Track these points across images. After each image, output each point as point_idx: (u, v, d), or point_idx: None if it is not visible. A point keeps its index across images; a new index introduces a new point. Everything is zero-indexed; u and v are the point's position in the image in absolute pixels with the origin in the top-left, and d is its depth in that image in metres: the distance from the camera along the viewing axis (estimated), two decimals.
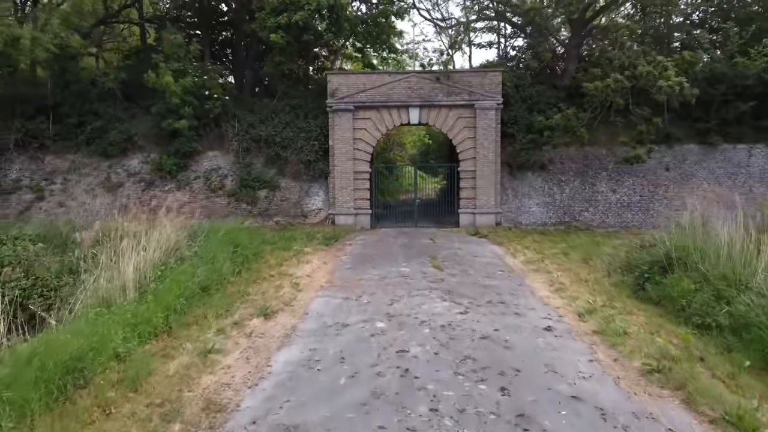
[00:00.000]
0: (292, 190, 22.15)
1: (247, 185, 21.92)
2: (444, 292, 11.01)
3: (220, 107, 21.97)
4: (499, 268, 13.63)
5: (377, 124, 21.41)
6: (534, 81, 22.92)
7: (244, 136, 22.11)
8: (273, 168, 22.23)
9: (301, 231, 19.96)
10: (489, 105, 20.86)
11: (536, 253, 15.56)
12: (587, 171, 21.56)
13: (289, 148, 21.90)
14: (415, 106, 21.20)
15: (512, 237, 18.72)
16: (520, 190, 21.65)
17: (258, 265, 13.17)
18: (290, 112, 22.38)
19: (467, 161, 21.26)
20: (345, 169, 21.30)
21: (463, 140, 21.24)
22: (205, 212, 21.95)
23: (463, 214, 21.30)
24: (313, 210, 22.02)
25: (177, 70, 21.38)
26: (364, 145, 21.46)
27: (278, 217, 21.93)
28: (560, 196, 21.49)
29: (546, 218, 21.38)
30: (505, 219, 21.38)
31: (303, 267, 13.58)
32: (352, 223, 21.28)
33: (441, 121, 21.29)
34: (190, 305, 9.38)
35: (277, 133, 21.91)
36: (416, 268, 13.53)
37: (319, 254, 15.55)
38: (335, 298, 10.72)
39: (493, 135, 20.95)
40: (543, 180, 21.65)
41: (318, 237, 18.54)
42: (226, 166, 22.44)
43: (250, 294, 10.77)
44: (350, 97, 21.19)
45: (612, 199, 21.34)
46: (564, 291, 11.02)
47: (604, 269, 13.13)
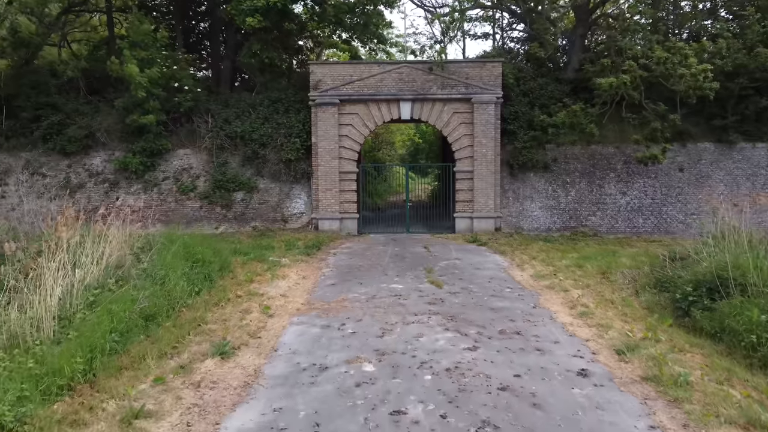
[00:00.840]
0: (271, 192, 20.14)
1: (222, 187, 19.87)
2: (446, 318, 9.10)
3: (191, 100, 19.90)
4: (507, 284, 11.75)
5: (365, 119, 19.46)
6: (535, 74, 21.11)
7: (218, 132, 20.06)
8: (250, 168, 20.20)
9: (280, 238, 17.96)
10: (488, 99, 18.99)
11: (546, 264, 13.71)
12: (594, 172, 19.78)
13: (268, 146, 19.87)
14: (407, 100, 19.29)
15: (515, 245, 16.87)
16: (522, 192, 19.82)
17: (224, 283, 11.15)
18: (269, 107, 20.36)
19: (464, 161, 19.38)
20: (329, 169, 19.33)
21: (459, 137, 19.36)
22: (175, 217, 19.89)
23: (459, 219, 19.42)
24: (294, 214, 20.01)
25: (144, 59, 19.27)
26: (350, 143, 19.51)
27: (256, 222, 19.90)
28: (565, 198, 19.69)
29: (550, 223, 19.56)
30: (506, 224, 19.54)
31: (278, 284, 11.59)
32: (338, 228, 19.31)
33: (435, 116, 19.39)
34: (126, 342, 7.37)
35: (254, 129, 19.88)
36: (410, 284, 11.62)
37: (298, 267, 13.56)
38: (313, 326, 8.76)
39: (492, 132, 19.10)
40: (546, 181, 19.83)
41: (298, 245, 16.56)
42: (199, 165, 20.37)
43: (209, 322, 8.77)
44: (335, 89, 19.22)
45: (621, 202, 19.57)
46: (590, 316, 9.15)
47: (630, 286, 11.31)
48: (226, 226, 19.80)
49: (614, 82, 16.30)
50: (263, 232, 18.96)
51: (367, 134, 19.76)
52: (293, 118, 19.86)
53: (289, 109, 20.17)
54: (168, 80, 20.00)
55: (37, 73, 21.35)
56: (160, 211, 19.95)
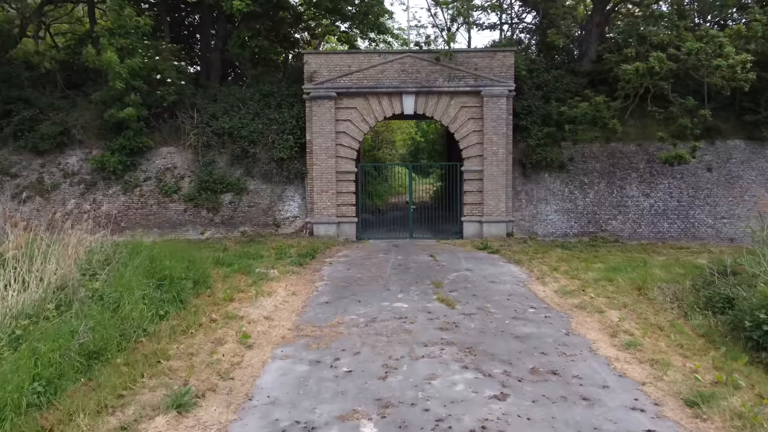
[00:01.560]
0: (262, 194, 18.47)
1: (208, 188, 18.21)
2: (463, 350, 7.45)
3: (174, 94, 18.23)
4: (529, 302, 10.10)
5: (364, 114, 17.81)
6: (548, 65, 19.49)
7: (204, 128, 18.40)
8: (239, 167, 18.55)
9: (271, 244, 16.30)
10: (499, 92, 17.33)
11: (570, 277, 12.05)
12: (614, 171, 18.12)
13: (259, 144, 18.21)
14: (410, 93, 17.63)
15: (531, 252, 15.21)
16: (536, 194, 18.16)
17: (198, 303, 9.48)
18: (260, 101, 18.70)
19: (472, 159, 17.72)
20: (325, 169, 17.67)
21: (467, 134, 17.70)
22: (157, 221, 18.24)
23: (467, 223, 17.76)
24: (287, 218, 18.35)
25: (124, 48, 17.61)
26: (348, 140, 17.86)
27: (245, 226, 18.24)
28: (583, 201, 18.03)
29: (567, 228, 17.91)
30: (518, 229, 17.88)
31: (262, 302, 9.93)
32: (334, 233, 17.65)
33: (441, 111, 17.74)
34: (57, 391, 5.71)
35: (243, 125, 18.22)
36: (417, 303, 9.97)
37: (288, 280, 11.90)
38: (300, 361, 7.11)
39: (504, 128, 17.44)
40: (562, 182, 18.18)
41: (290, 253, 14.90)
42: (183, 165, 18.70)
43: (171, 357, 7.11)
44: (332, 81, 17.56)
45: (644, 205, 17.91)
46: (638, 348, 7.49)
47: (674, 306, 9.65)
48: (212, 231, 18.14)
49: (641, 67, 14.63)
50: (253, 238, 17.30)
51: (366, 131, 18.11)
52: (286, 114, 18.21)
53: (282, 103, 18.51)
54: (150, 72, 18.33)
55: (10, 65, 19.71)
56: (141, 214, 18.31)
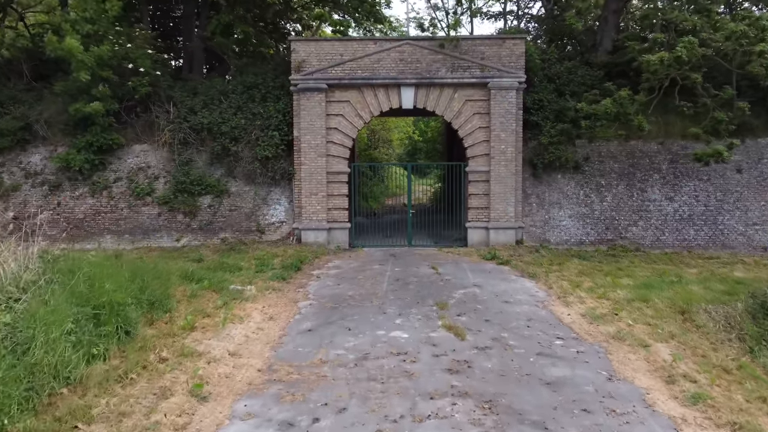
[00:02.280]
0: (244, 196, 16.69)
1: (185, 190, 16.41)
2: (480, 406, 5.71)
3: (147, 85, 16.43)
4: (554, 329, 8.36)
5: (358, 108, 16.05)
6: (560, 56, 17.77)
7: (181, 124, 16.59)
8: (219, 167, 16.76)
9: (252, 254, 14.53)
10: (508, 83, 15.60)
11: (596, 296, 10.30)
12: (634, 173, 16.41)
13: (241, 141, 16.43)
14: (410, 85, 15.87)
15: (545, 264, 13.49)
16: (548, 197, 16.43)
17: (150, 333, 7.68)
18: (243, 93, 16.91)
19: (478, 159, 15.98)
20: (315, 169, 15.90)
21: (472, 131, 15.96)
22: (128, 226, 16.44)
23: (472, 230, 16.01)
24: (272, 223, 16.56)
25: (90, 34, 15.81)
26: (340, 137, 16.09)
27: (226, 232, 16.45)
28: (600, 205, 16.30)
29: (582, 235, 16.17)
30: (529, 236, 16.14)
31: (231, 331, 8.16)
32: (325, 240, 15.88)
33: (443, 105, 15.99)
34: None
35: (224, 120, 16.44)
36: (419, 331, 8.23)
37: (267, 299, 10.14)
38: (267, 424, 5.36)
39: (513, 124, 15.70)
40: (577, 184, 16.45)
41: (273, 264, 13.15)
42: (158, 164, 16.90)
43: (94, 419, 5.34)
44: (322, 72, 15.79)
45: (668, 209, 16.20)
46: (708, 402, 5.76)
47: (731, 336, 7.92)
48: (189, 238, 16.34)
49: (666, 57, 12.91)
50: (233, 246, 15.51)
51: (360, 126, 16.34)
52: (272, 108, 16.42)
53: (267, 96, 16.73)
54: (120, 61, 16.54)
55: None
56: (111, 219, 16.50)
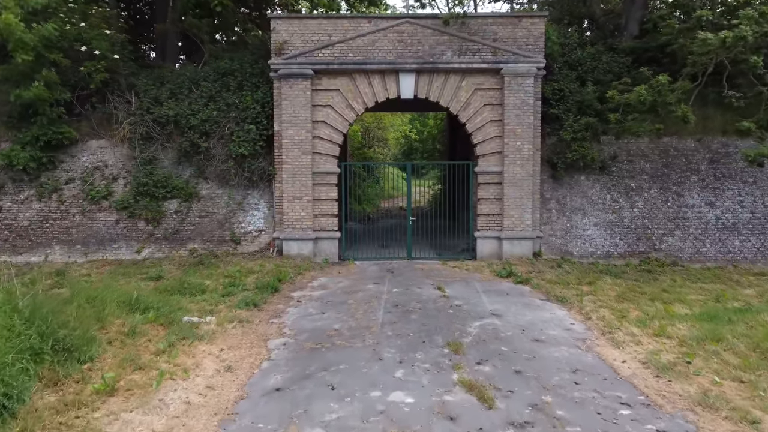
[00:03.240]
0: (217, 200, 14.37)
1: (148, 193, 14.08)
2: None
3: (103, 71, 14.08)
4: (612, 388, 6.09)
5: (350, 98, 13.76)
6: (581, 41, 15.57)
7: (143, 116, 14.27)
8: (188, 167, 14.44)
9: (224, 269, 12.24)
10: (525, 69, 13.35)
11: (652, 332, 8.04)
12: (669, 174, 14.20)
13: (213, 136, 14.12)
14: (410, 71, 13.60)
15: (573, 283, 11.26)
16: (569, 202, 14.19)
17: (43, 403, 5.35)
18: (216, 81, 14.60)
19: (489, 158, 13.73)
20: (299, 169, 13.61)
21: (482, 125, 13.71)
22: (81, 235, 14.09)
23: (482, 240, 13.75)
24: (249, 232, 14.24)
25: (37, 10, 13.46)
26: (329, 132, 13.81)
27: (195, 243, 14.11)
28: (630, 211, 14.08)
29: (610, 246, 13.93)
30: (548, 247, 13.89)
31: (165, 396, 5.84)
32: (310, 252, 13.59)
33: (449, 94, 13.73)
34: None
35: (194, 112, 14.13)
36: (428, 392, 5.94)
37: (228, 337, 7.83)
38: None
39: (531, 117, 13.46)
40: (603, 187, 14.22)
41: (246, 283, 10.85)
42: (117, 163, 14.56)
43: None
44: (308, 55, 13.50)
45: (709, 217, 14.00)
46: None
47: None
48: (151, 249, 14.00)
49: (729, 38, 10.71)
50: (202, 259, 13.18)
51: (352, 120, 14.04)
52: (249, 97, 14.12)
53: (244, 84, 14.42)
54: (72, 42, 14.19)
55: None
56: (61, 226, 14.14)
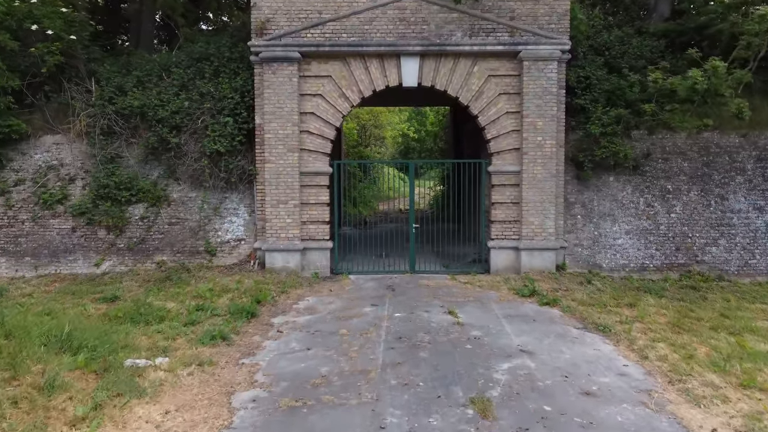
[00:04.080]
0: (190, 205, 12.44)
1: (110, 197, 12.15)
2: None
3: (58, 53, 12.15)
4: None
5: (344, 86, 11.86)
6: (606, 23, 13.75)
7: (104, 107, 12.33)
8: (156, 166, 12.52)
9: (194, 286, 10.32)
10: (547, 52, 11.49)
11: (738, 382, 6.18)
12: (710, 174, 12.37)
13: (185, 130, 12.20)
14: (413, 54, 11.71)
15: (610, 304, 9.39)
16: (597, 206, 12.33)
17: None
18: (190, 67, 12.69)
19: (505, 155, 11.86)
20: (284, 168, 11.70)
21: (497, 117, 11.84)
22: (31, 245, 12.13)
23: (497, 250, 11.86)
24: (226, 242, 12.32)
25: None
26: (319, 126, 11.91)
27: (164, 254, 12.17)
28: (667, 217, 12.23)
29: (645, 258, 12.07)
30: (573, 258, 12.02)
31: None
32: (297, 265, 11.68)
33: (458, 82, 11.85)
34: None
35: (163, 102, 12.20)
36: None
37: (180, 389, 5.92)
38: None
39: (554, 108, 11.60)
40: (635, 189, 12.37)
41: (217, 306, 8.94)
42: (75, 162, 12.62)
43: None
44: (294, 35, 11.59)
45: (758, 223, 12.17)
46: None
47: None
48: (113, 262, 12.05)
49: None
50: (171, 274, 11.24)
51: (346, 111, 12.13)
52: (226, 85, 12.20)
53: (221, 70, 12.51)
54: (22, 21, 12.24)
55: None
56: (8, 235, 12.19)
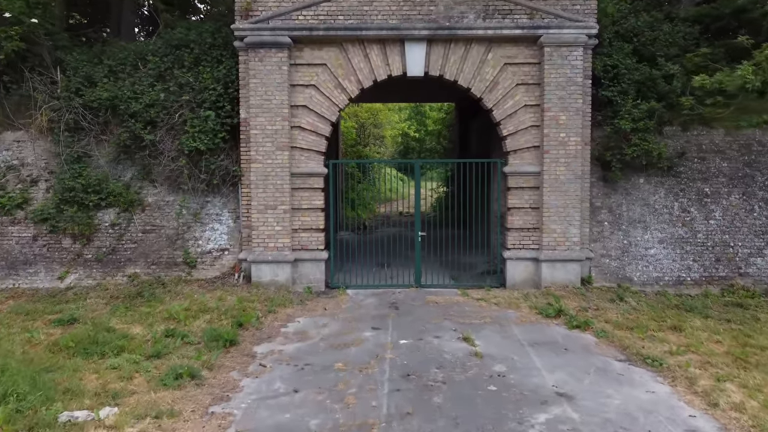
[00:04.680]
0: (167, 210, 11.03)
1: (76, 201, 10.74)
2: None
3: (16, 39, 10.75)
4: None
5: (340, 76, 10.46)
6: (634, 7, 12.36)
7: (71, 100, 10.93)
8: (129, 166, 11.11)
9: (169, 304, 8.93)
10: (572, 37, 10.11)
11: None
12: (753, 176, 11.00)
13: (161, 126, 10.80)
14: (419, 39, 10.32)
15: (652, 327, 8.03)
16: (626, 212, 10.95)
17: None
18: (168, 56, 11.28)
19: (523, 154, 10.48)
20: (273, 169, 10.29)
21: (514, 111, 10.45)
22: None
23: (514, 262, 10.48)
24: (208, 252, 10.91)
25: None
26: (312, 121, 10.51)
27: (137, 266, 10.75)
28: (705, 224, 10.85)
29: (681, 270, 10.68)
30: (600, 271, 10.63)
31: None
32: (287, 279, 10.28)
33: (470, 70, 10.46)
34: None
35: (136, 95, 10.80)
36: None
37: None
38: None
39: (579, 100, 10.22)
40: (668, 192, 10.99)
41: (191, 332, 7.56)
42: (38, 161, 11.21)
43: None
44: (284, 17, 10.19)
45: None
46: None
47: None
48: (79, 275, 10.63)
49: None
50: (143, 289, 9.83)
51: (344, 104, 10.72)
52: (207, 75, 10.79)
53: (201, 58, 11.10)
54: None
55: None
56: None
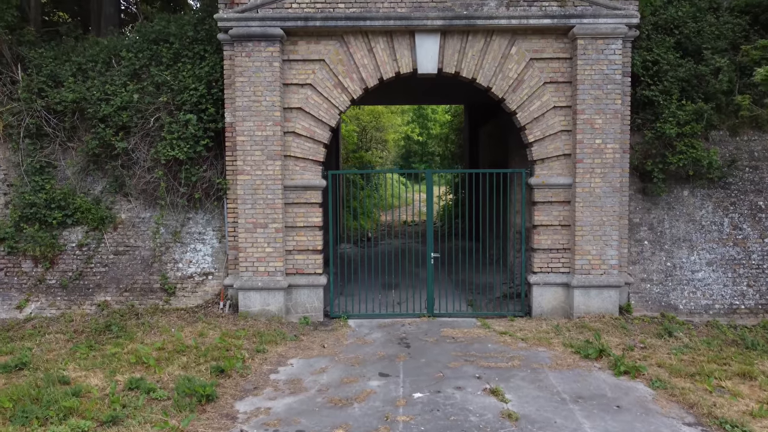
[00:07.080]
0: (141, 228, 9.64)
1: (38, 218, 9.37)
2: None
3: None
4: None
5: (341, 73, 9.09)
6: None
7: (32, 102, 9.57)
8: (100, 178, 9.74)
9: (139, 341, 7.54)
10: (609, 27, 8.74)
11: None
12: None
13: (136, 132, 9.42)
14: (431, 30, 8.95)
15: (716, 372, 6.62)
16: (669, 229, 9.55)
17: None
18: (144, 51, 9.91)
19: (552, 163, 9.10)
20: (263, 181, 8.92)
21: (542, 114, 9.07)
22: None
23: (541, 288, 9.08)
24: (189, 276, 9.52)
25: None
26: (309, 125, 9.14)
27: (107, 293, 9.37)
28: (760, 243, 9.46)
29: (734, 296, 9.29)
30: (640, 297, 9.23)
31: None
32: (280, 308, 8.89)
33: (490, 67, 9.08)
34: None
35: (107, 96, 9.44)
36: None
37: None
38: None
39: (617, 102, 8.84)
40: (717, 206, 9.61)
41: (160, 382, 6.15)
42: None
43: None
44: (275, 6, 8.83)
45: None
46: None
47: None
48: (40, 304, 9.25)
49: None
50: (113, 322, 8.45)
51: (345, 107, 9.35)
52: (188, 73, 9.42)
53: (182, 54, 9.73)
54: None
55: None
56: None
